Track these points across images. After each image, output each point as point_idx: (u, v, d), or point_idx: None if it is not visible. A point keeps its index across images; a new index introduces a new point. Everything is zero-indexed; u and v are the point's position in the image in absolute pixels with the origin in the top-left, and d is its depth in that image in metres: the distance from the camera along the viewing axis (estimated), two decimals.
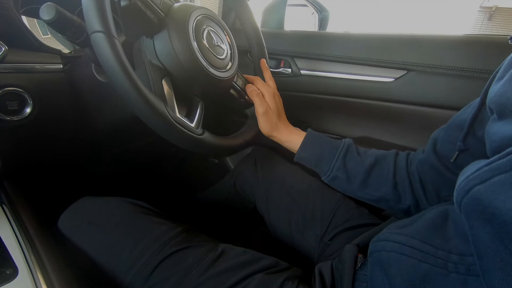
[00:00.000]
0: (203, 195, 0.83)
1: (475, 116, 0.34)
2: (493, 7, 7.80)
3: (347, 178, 0.49)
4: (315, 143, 0.53)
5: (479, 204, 0.22)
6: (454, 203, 0.26)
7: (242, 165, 0.73)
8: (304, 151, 0.53)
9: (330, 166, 0.50)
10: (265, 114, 0.54)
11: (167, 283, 0.39)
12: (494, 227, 0.21)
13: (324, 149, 0.52)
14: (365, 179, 0.48)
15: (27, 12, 0.53)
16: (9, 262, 0.37)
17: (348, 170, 0.49)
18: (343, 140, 0.52)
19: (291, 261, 0.47)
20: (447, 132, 0.40)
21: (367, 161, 0.49)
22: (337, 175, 0.50)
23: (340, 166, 0.49)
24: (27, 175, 0.61)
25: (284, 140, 0.56)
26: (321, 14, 1.13)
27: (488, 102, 0.28)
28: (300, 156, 0.54)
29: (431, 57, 0.59)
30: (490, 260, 0.22)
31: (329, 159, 0.50)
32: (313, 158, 0.52)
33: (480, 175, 0.23)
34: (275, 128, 0.55)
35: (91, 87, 0.53)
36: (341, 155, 0.50)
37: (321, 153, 0.51)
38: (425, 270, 0.29)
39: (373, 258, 0.36)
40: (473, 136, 0.35)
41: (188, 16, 0.43)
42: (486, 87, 0.32)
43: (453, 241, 0.29)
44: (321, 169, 0.52)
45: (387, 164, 0.48)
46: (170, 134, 0.40)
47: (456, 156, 0.37)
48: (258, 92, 0.55)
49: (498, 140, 0.24)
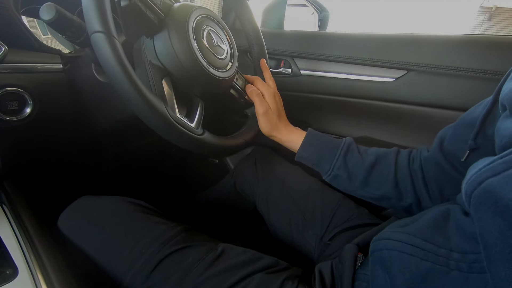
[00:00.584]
0: (203, 195, 0.83)
1: (487, 114, 0.34)
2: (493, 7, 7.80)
3: (348, 177, 0.49)
4: (316, 143, 0.53)
5: (492, 196, 0.22)
6: (463, 196, 0.26)
7: (242, 165, 0.73)
8: (304, 150, 0.53)
9: (331, 165, 0.50)
10: (265, 114, 0.54)
11: (167, 282, 0.39)
12: (506, 219, 0.21)
13: (324, 148, 0.52)
14: (366, 178, 0.48)
15: (27, 12, 0.53)
16: (9, 262, 0.37)
17: (349, 168, 0.49)
18: (343, 139, 0.52)
19: (291, 261, 0.47)
20: (456, 131, 0.40)
21: (368, 160, 0.48)
22: (338, 174, 0.50)
23: (341, 165, 0.49)
24: (27, 175, 0.61)
25: (284, 140, 0.55)
26: (321, 14, 1.13)
27: (502, 99, 0.28)
28: (301, 156, 0.54)
29: (431, 57, 0.59)
30: (498, 252, 0.22)
31: (330, 158, 0.50)
32: (314, 157, 0.52)
33: (494, 168, 0.23)
34: (275, 128, 0.55)
35: (91, 87, 0.53)
36: (341, 154, 0.50)
37: (322, 152, 0.51)
38: (427, 268, 0.29)
39: (374, 257, 0.36)
40: (483, 135, 0.35)
41: (188, 16, 0.43)
42: (500, 85, 0.32)
43: (455, 239, 0.29)
44: (322, 168, 0.51)
45: (388, 163, 0.48)
46: (170, 134, 0.40)
47: (467, 155, 0.37)
48: (258, 92, 0.55)
49: (509, 135, 0.24)
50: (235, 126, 0.58)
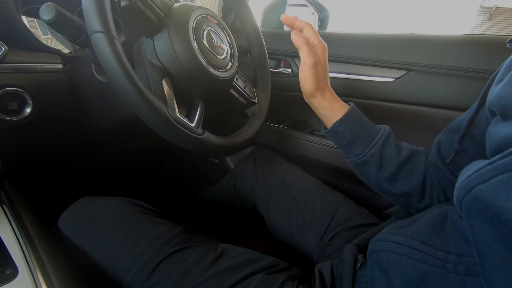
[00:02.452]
0: (203, 195, 0.83)
1: (472, 118, 0.35)
2: (493, 7, 7.80)
3: (379, 166, 0.46)
4: (358, 121, 0.47)
5: (481, 203, 0.22)
6: (455, 202, 0.26)
7: (242, 165, 0.73)
8: (342, 125, 0.47)
9: (366, 149, 0.46)
10: (314, 67, 0.45)
11: (167, 283, 0.39)
12: (496, 226, 0.21)
13: (364, 129, 0.47)
14: (397, 171, 0.45)
15: (27, 12, 0.53)
16: (9, 262, 0.37)
17: (383, 158, 0.45)
18: (383, 126, 0.48)
19: (291, 261, 0.47)
20: (447, 136, 0.41)
21: (403, 154, 0.45)
22: (370, 160, 0.46)
23: (376, 152, 0.45)
24: (27, 175, 0.61)
25: (325, 105, 0.48)
26: (321, 14, 1.13)
27: (489, 104, 0.28)
28: (335, 130, 0.47)
29: (431, 57, 0.59)
30: (491, 259, 0.22)
31: (366, 141, 0.46)
32: (349, 135, 0.47)
33: (482, 175, 0.23)
34: (321, 87, 0.47)
35: (91, 87, 0.53)
36: (380, 140, 0.46)
37: (359, 133, 0.46)
38: (424, 270, 0.29)
39: (372, 258, 0.36)
40: (469, 138, 0.36)
41: (188, 16, 0.43)
42: (485, 89, 0.32)
43: (452, 241, 0.29)
44: (353, 150, 0.47)
45: (420, 160, 0.46)
46: (170, 134, 0.40)
47: (452, 156, 0.38)
48: (307, 40, 0.45)
49: (499, 140, 0.24)
50: (235, 126, 0.58)
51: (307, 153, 0.70)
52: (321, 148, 0.71)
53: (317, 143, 0.71)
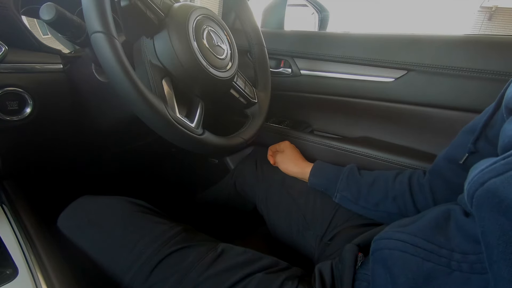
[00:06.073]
0: (203, 195, 0.83)
1: (488, 119, 0.35)
2: (493, 7, 7.79)
3: (352, 196, 0.53)
4: (325, 169, 0.59)
5: (495, 196, 0.22)
6: (465, 196, 0.26)
7: (242, 165, 0.73)
8: (315, 177, 0.59)
9: (336, 187, 0.55)
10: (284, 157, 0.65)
11: (166, 282, 0.39)
12: (509, 218, 0.21)
13: (332, 174, 0.57)
14: (366, 197, 0.51)
15: (27, 12, 0.53)
16: (9, 262, 0.37)
17: (351, 189, 0.53)
18: (348, 166, 0.58)
19: (291, 261, 0.47)
20: (459, 138, 0.41)
21: (366, 180, 0.53)
22: (343, 194, 0.54)
23: (344, 186, 0.54)
24: (27, 175, 0.61)
25: (299, 174, 0.62)
26: (321, 14, 1.13)
27: (506, 103, 0.29)
28: (312, 182, 0.59)
29: (431, 57, 0.59)
30: (501, 252, 0.22)
31: (335, 181, 0.56)
32: (323, 182, 0.58)
33: (496, 169, 0.23)
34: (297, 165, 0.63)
35: (91, 87, 0.53)
36: (344, 176, 0.55)
37: (328, 177, 0.57)
38: (429, 268, 0.29)
39: (375, 256, 0.36)
40: (484, 139, 0.36)
41: (188, 16, 0.43)
42: (503, 91, 0.33)
43: (456, 240, 0.29)
44: (331, 191, 0.57)
45: (386, 179, 0.51)
46: (170, 134, 0.40)
47: (466, 157, 0.38)
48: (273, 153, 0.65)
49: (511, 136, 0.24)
50: (235, 126, 0.58)
51: (307, 153, 0.70)
52: (321, 148, 0.71)
53: (317, 143, 0.71)
